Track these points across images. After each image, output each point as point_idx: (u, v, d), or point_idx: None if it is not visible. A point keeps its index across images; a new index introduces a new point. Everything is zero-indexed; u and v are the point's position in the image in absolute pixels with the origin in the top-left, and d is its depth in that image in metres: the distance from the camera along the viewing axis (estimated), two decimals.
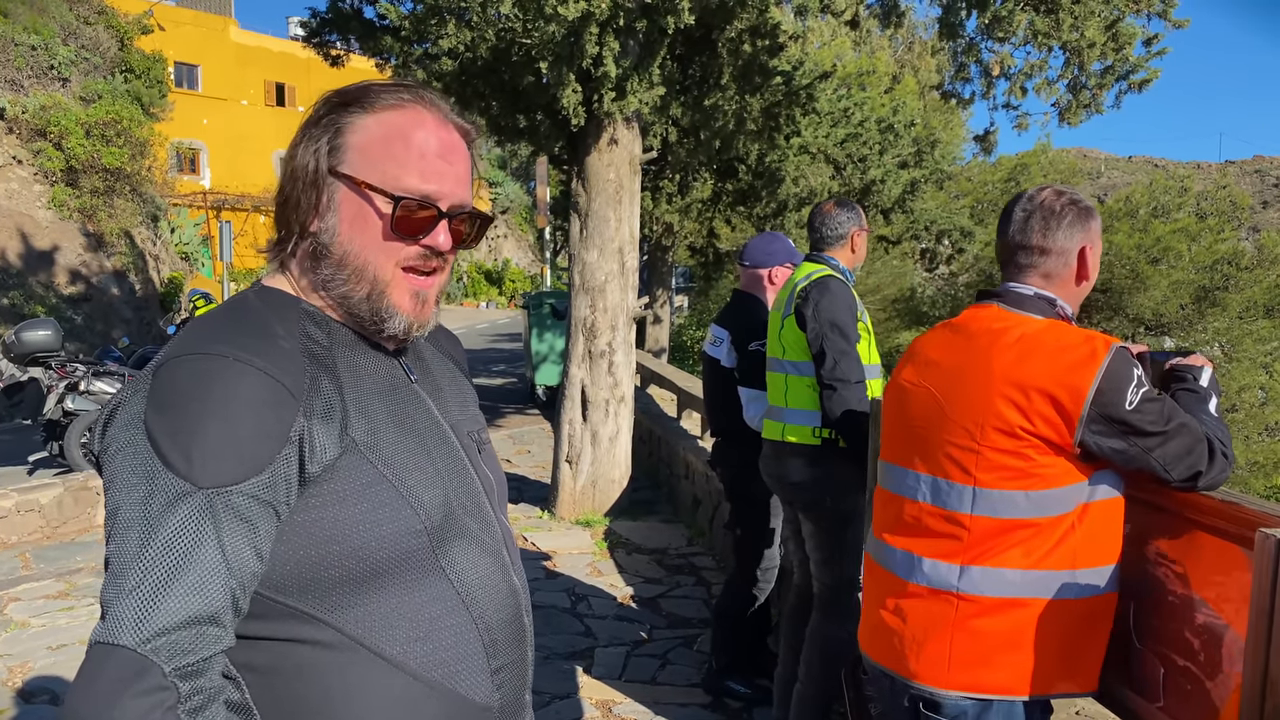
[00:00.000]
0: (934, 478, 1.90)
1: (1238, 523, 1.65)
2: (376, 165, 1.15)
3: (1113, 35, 7.22)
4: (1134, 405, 1.74)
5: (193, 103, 30.25)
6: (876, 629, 2.00)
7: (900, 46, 30.70)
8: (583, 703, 4.05)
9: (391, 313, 1.17)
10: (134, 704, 0.90)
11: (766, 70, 7.89)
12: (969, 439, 1.83)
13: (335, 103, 1.19)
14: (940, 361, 1.96)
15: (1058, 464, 1.78)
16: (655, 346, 15.49)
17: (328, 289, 1.17)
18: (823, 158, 13.98)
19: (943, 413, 1.89)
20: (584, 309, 7.00)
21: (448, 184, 1.17)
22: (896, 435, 2.04)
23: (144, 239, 20.17)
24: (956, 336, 1.97)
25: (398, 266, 1.17)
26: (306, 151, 1.16)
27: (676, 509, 7.27)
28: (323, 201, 1.16)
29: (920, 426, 1.95)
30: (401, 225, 1.15)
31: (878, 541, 2.05)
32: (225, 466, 0.99)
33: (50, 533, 6.81)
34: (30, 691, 4.19)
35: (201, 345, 1.06)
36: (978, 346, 1.88)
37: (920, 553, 1.91)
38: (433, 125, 1.18)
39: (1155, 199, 15.43)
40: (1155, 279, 13.67)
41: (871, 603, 2.05)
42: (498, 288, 46.44)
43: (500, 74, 6.92)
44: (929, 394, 1.94)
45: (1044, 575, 1.80)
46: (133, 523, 0.97)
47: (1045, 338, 1.82)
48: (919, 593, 1.90)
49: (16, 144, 17.34)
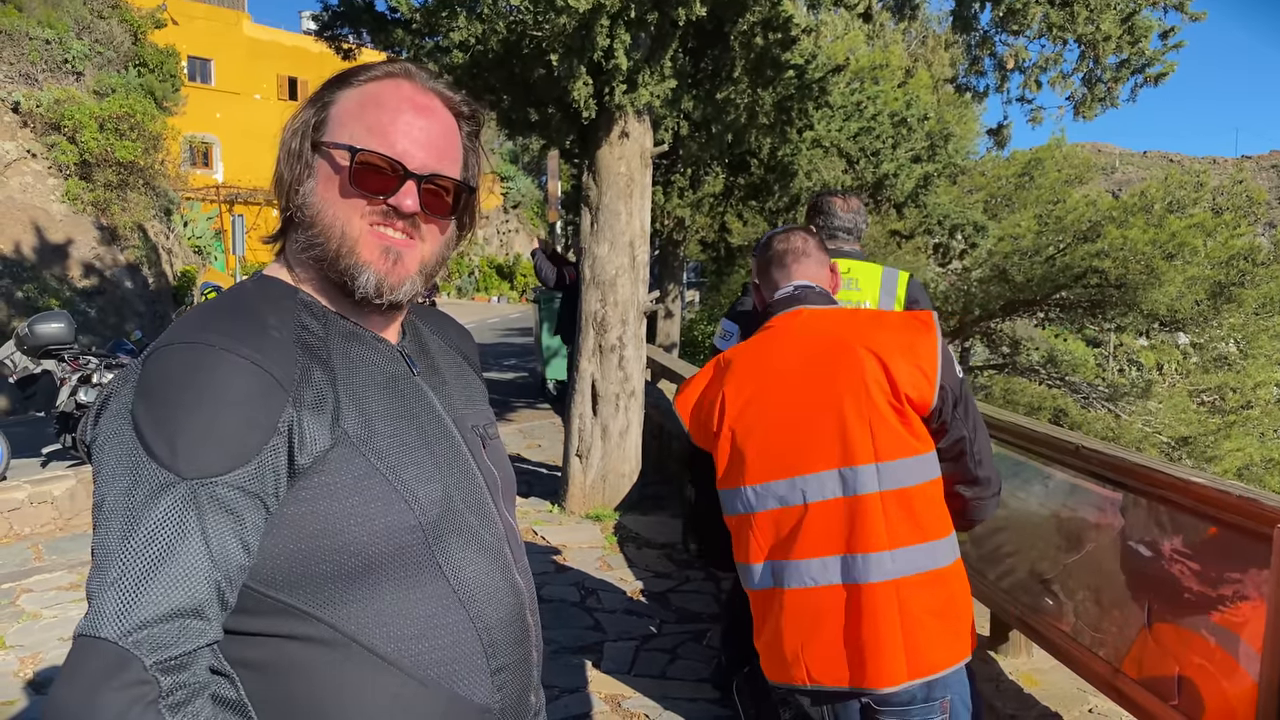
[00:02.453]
0: (835, 470, 1.87)
1: (1256, 519, 1.63)
2: (346, 127, 1.15)
3: (1129, 28, 7.16)
4: (961, 377, 1.92)
5: (206, 97, 30.34)
6: (817, 652, 1.89)
7: (914, 40, 30.53)
8: (591, 697, 4.04)
9: (360, 268, 1.14)
10: (114, 697, 0.89)
11: (779, 64, 7.85)
12: (861, 417, 1.86)
13: (325, 85, 1.20)
14: (781, 366, 1.96)
15: (924, 428, 1.90)
16: (666, 341, 15.46)
17: (306, 254, 1.16)
18: (835, 152, 13.91)
19: (824, 403, 1.89)
20: (594, 303, 6.99)
21: (419, 147, 1.15)
22: (767, 452, 1.93)
23: (157, 232, 20.24)
24: (787, 338, 2.01)
25: (363, 220, 1.14)
26: (292, 132, 1.17)
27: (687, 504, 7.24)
28: (304, 173, 1.15)
29: (796, 430, 1.90)
30: (360, 179, 1.13)
31: (783, 564, 1.92)
32: (210, 457, 0.98)
33: (63, 524, 6.85)
34: (41, 682, 4.21)
35: (190, 334, 1.04)
36: (827, 334, 1.96)
37: (851, 551, 1.86)
38: (409, 90, 1.17)
39: (1170, 194, 15.30)
40: (1170, 274, 13.55)
41: (796, 630, 1.91)
42: (509, 282, 46.49)
43: (511, 67, 6.90)
44: (790, 397, 1.92)
45: (949, 539, 1.89)
46: (116, 513, 0.96)
47: (883, 316, 2.02)
48: (860, 592, 1.84)
49: (31, 138, 17.40)
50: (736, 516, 1.98)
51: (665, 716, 3.87)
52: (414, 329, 1.31)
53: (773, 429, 1.92)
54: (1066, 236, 15.00)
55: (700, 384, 2.07)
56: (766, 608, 1.96)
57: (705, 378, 2.07)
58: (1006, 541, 2.63)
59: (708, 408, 2.00)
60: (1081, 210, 15.43)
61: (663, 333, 15.53)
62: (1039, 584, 2.55)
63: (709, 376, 2.06)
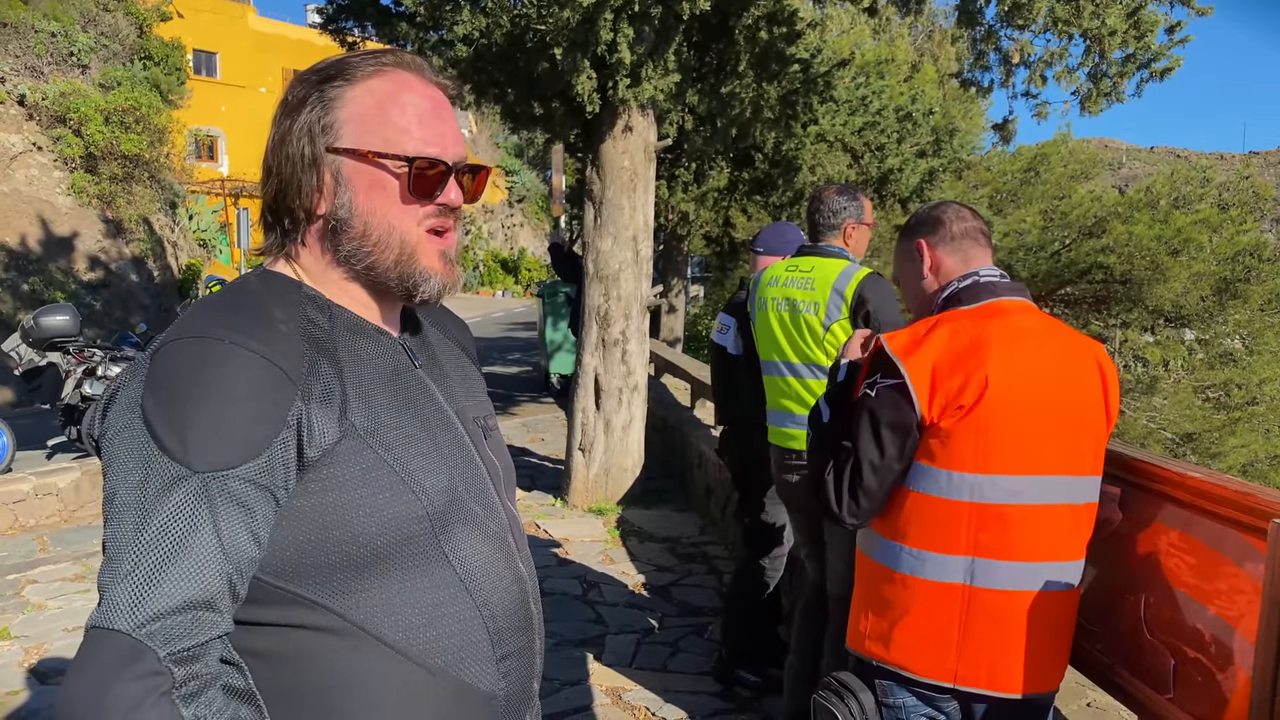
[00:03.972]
0: (1065, 476, 1.88)
1: (1252, 512, 1.63)
2: (377, 132, 1.15)
3: (1134, 23, 7.14)
4: None
5: (211, 90, 30.36)
6: (997, 657, 1.87)
7: (920, 35, 30.46)
8: (592, 689, 4.05)
9: (425, 275, 1.18)
10: (127, 689, 0.90)
11: (784, 58, 7.84)
12: (1092, 429, 1.91)
13: (313, 81, 1.17)
14: (1036, 360, 1.89)
15: None
16: (670, 336, 15.47)
17: (352, 263, 1.17)
18: (840, 146, 13.90)
19: (1071, 408, 1.89)
20: (598, 297, 6.99)
21: (448, 141, 1.18)
22: (1011, 445, 1.84)
23: (162, 226, 20.27)
24: (1031, 331, 1.93)
25: (420, 227, 1.17)
26: (297, 135, 1.15)
27: (689, 498, 7.27)
28: (326, 181, 1.14)
29: (1054, 427, 1.87)
30: (418, 186, 1.15)
31: (990, 564, 1.85)
32: (221, 450, 0.98)
33: (68, 516, 6.87)
34: (45, 673, 4.23)
35: (199, 329, 1.05)
36: (1067, 335, 1.98)
37: (1061, 558, 1.88)
38: (419, 86, 1.18)
39: (1176, 189, 15.23)
40: (1175, 270, 13.49)
41: (988, 630, 1.86)
42: (513, 276, 46.48)
43: (515, 61, 6.90)
44: (1039, 392, 1.86)
45: None
46: (128, 507, 0.96)
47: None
48: (1045, 600, 1.87)
49: (36, 130, 17.43)
50: (947, 500, 1.86)
51: (666, 709, 3.88)
52: (413, 322, 1.32)
53: (1021, 421, 1.84)
54: (1072, 232, 14.95)
55: (945, 347, 1.87)
56: (944, 603, 1.88)
57: (952, 343, 1.88)
58: None
59: (962, 379, 1.83)
60: (1087, 206, 15.37)
61: (666, 327, 15.54)
62: None
63: (958, 344, 1.87)
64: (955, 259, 2.07)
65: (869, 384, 1.92)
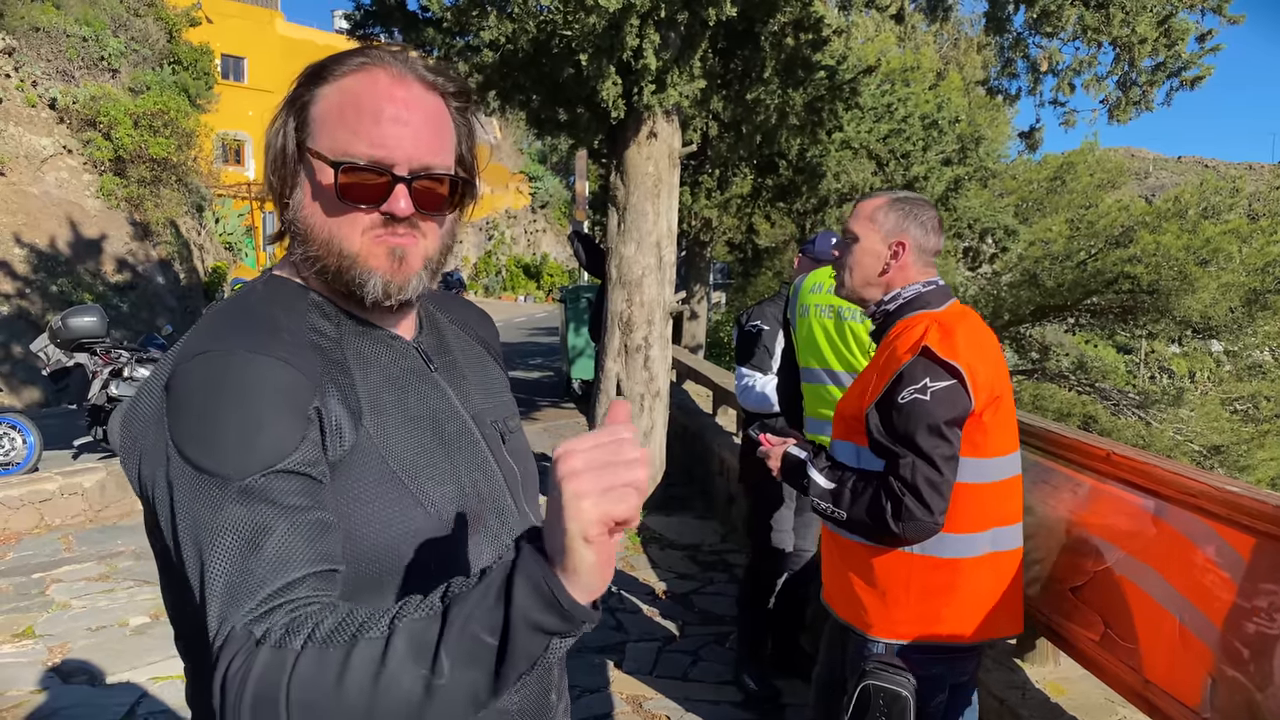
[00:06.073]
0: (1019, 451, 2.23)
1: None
2: (329, 133, 1.09)
3: (1165, 31, 7.06)
4: None
5: (238, 94, 30.60)
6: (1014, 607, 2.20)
7: (946, 42, 30.33)
8: (613, 697, 4.03)
9: (366, 276, 1.11)
10: (262, 657, 0.87)
11: (809, 64, 7.81)
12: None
13: (303, 78, 1.14)
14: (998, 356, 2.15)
15: None
16: (692, 342, 15.44)
17: (309, 267, 1.14)
18: (865, 153, 13.84)
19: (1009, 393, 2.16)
20: (620, 303, 6.98)
21: (403, 145, 1.09)
22: (1008, 427, 2.14)
23: (189, 229, 20.45)
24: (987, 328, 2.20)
25: (362, 233, 1.10)
26: (276, 131, 1.13)
27: (710, 505, 7.23)
28: (292, 179, 1.12)
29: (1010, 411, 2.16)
30: (348, 192, 1.08)
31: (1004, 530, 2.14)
32: (254, 454, 0.97)
33: (93, 516, 6.93)
34: (68, 672, 4.26)
35: (207, 345, 1.03)
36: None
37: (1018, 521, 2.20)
38: (385, 83, 1.10)
39: (1205, 199, 15.05)
40: (1204, 281, 13.33)
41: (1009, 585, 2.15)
42: (536, 282, 46.61)
43: (541, 66, 6.91)
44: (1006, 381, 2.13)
45: None
46: (187, 537, 0.95)
47: None
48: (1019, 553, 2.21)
49: (67, 134, 17.63)
50: (981, 485, 2.08)
51: (687, 718, 3.86)
52: (432, 321, 1.29)
53: (1010, 406, 2.14)
54: (1098, 241, 14.81)
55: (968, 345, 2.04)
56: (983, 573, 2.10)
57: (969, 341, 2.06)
58: (1033, 549, 2.60)
59: (988, 372, 2.04)
60: (1114, 215, 15.24)
61: (688, 334, 15.51)
62: (1067, 592, 2.51)
63: (973, 342, 2.06)
64: (918, 271, 2.22)
65: (914, 390, 2.00)
